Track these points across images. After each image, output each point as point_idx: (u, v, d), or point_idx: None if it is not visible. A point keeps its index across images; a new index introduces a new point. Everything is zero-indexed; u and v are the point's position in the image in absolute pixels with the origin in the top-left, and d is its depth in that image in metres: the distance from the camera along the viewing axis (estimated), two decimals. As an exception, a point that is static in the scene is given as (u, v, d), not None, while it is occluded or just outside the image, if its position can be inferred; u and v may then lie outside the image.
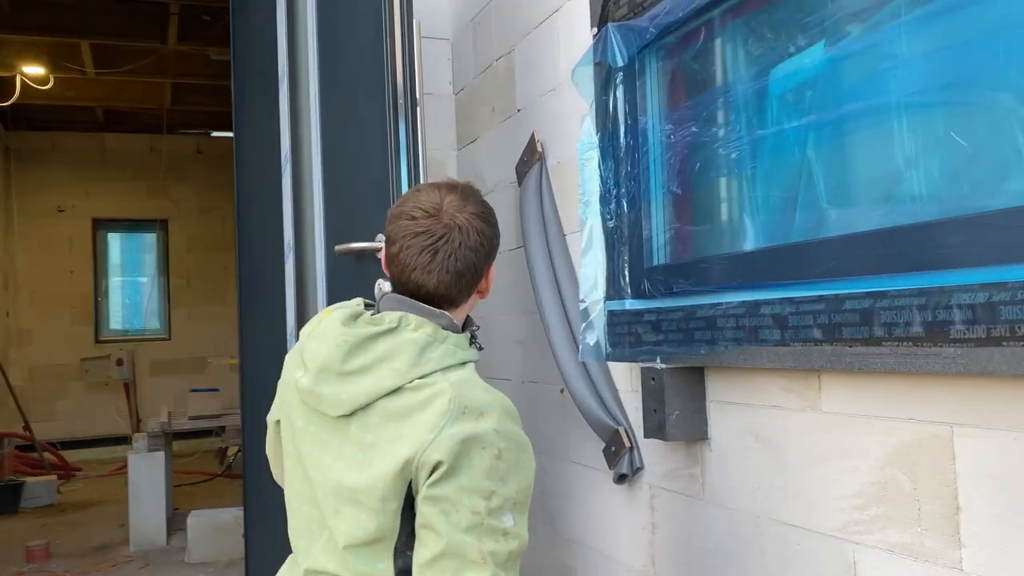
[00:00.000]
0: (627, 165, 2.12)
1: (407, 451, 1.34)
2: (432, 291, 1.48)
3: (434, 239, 1.46)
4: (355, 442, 1.40)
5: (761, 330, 1.67)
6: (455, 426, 1.34)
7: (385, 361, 1.40)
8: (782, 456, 1.82)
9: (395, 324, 1.43)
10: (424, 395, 1.38)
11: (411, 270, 1.47)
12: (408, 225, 1.48)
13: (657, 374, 2.02)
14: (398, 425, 1.37)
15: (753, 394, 1.89)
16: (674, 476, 2.19)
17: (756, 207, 1.78)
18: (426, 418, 1.36)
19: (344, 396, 1.40)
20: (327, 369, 1.41)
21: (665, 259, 2.05)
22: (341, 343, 1.41)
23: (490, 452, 1.35)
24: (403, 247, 1.47)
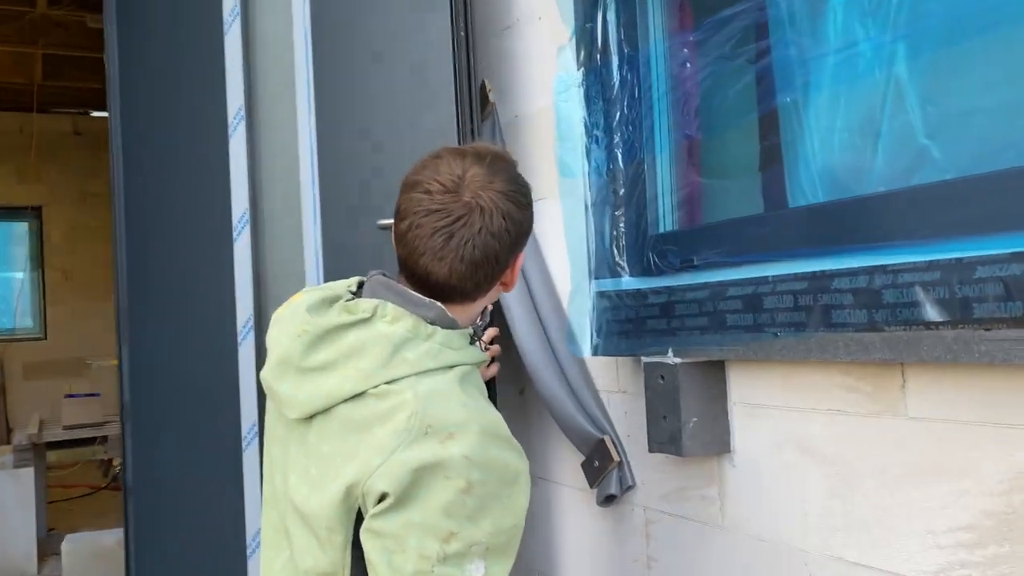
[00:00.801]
0: (622, 107, 1.67)
1: (352, 474, 1.15)
2: (443, 281, 1.24)
3: (450, 220, 1.22)
4: (312, 453, 1.22)
5: (836, 310, 1.25)
6: (410, 450, 1.12)
7: (351, 358, 1.19)
8: (844, 475, 1.40)
9: (368, 314, 1.22)
10: (386, 406, 1.16)
11: (420, 254, 1.23)
12: (421, 200, 1.24)
13: (668, 371, 1.58)
14: (357, 438, 1.17)
15: (798, 395, 1.47)
16: (679, 497, 1.75)
17: (813, 149, 1.35)
18: (380, 436, 1.15)
19: (301, 396, 1.22)
20: (285, 363, 1.24)
21: (676, 224, 1.61)
22: (301, 333, 1.22)
23: (454, 484, 1.12)
24: (413, 225, 1.23)
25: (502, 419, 1.23)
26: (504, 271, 1.30)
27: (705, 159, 1.58)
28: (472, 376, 1.27)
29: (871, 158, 1.26)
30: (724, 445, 1.61)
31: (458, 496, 1.11)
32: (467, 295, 1.27)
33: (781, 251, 1.36)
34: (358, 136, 2.26)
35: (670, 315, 1.56)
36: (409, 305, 1.24)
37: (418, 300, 1.25)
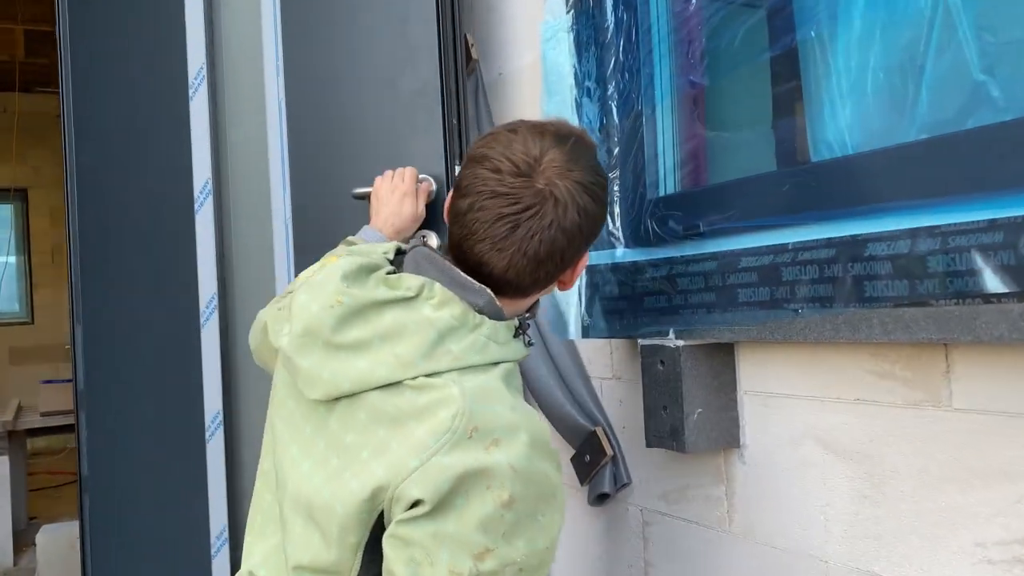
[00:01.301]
0: (617, 52, 1.45)
1: (381, 475, 1.02)
2: (498, 274, 1.10)
3: (518, 208, 1.07)
4: (331, 440, 1.09)
5: (869, 282, 1.04)
6: (452, 454, 1.00)
7: (388, 341, 1.06)
8: (874, 475, 1.20)
9: (413, 293, 1.08)
10: (425, 401, 1.04)
11: (478, 239, 1.09)
12: (489, 179, 1.09)
13: (669, 355, 1.38)
14: (388, 432, 1.04)
15: (820, 382, 1.27)
16: (681, 497, 1.56)
17: (840, 92, 1.14)
18: (418, 435, 1.02)
19: (326, 375, 1.07)
20: (312, 334, 1.08)
21: (679, 185, 1.40)
22: (334, 303, 1.07)
23: (496, 496, 1.00)
24: (475, 206, 1.09)
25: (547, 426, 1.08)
26: (566, 270, 1.15)
27: (712, 109, 1.37)
28: (514, 375, 1.14)
29: (913, 100, 1.05)
30: (733, 439, 1.41)
31: (497, 510, 1.00)
32: (521, 291, 1.13)
33: (803, 213, 1.15)
34: (332, 97, 2.04)
35: (671, 291, 1.35)
36: (457, 288, 1.09)
37: (468, 284, 1.10)
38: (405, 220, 1.63)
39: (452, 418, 1.01)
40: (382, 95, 1.97)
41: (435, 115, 1.84)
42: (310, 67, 2.09)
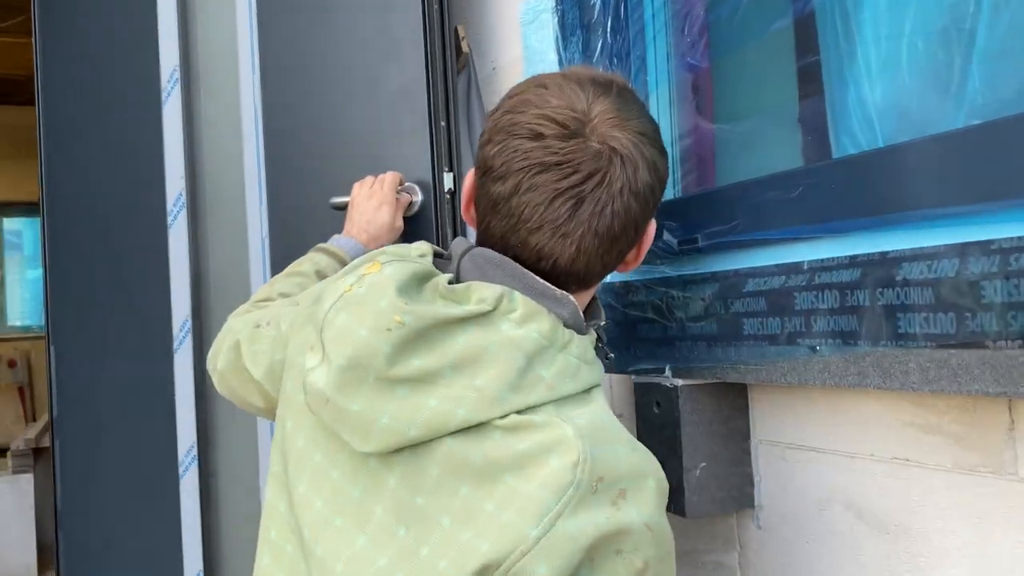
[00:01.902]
0: (605, 33, 1.22)
1: (486, 550, 0.75)
2: (564, 267, 0.87)
3: (579, 178, 0.85)
4: (394, 504, 0.81)
5: (905, 314, 0.79)
6: (579, 515, 0.75)
7: (463, 370, 0.80)
8: (918, 553, 0.95)
9: (489, 306, 0.83)
10: (527, 446, 0.78)
11: (533, 228, 0.86)
12: (532, 150, 0.86)
13: (666, 396, 1.13)
14: (474, 491, 0.78)
15: (850, 434, 1.02)
16: (688, 563, 1.31)
17: (869, 70, 0.89)
18: (528, 492, 0.76)
19: (385, 420, 0.80)
20: (362, 367, 0.80)
21: (677, 189, 1.16)
22: (393, 325, 0.80)
23: (628, 563, 0.77)
24: (521, 187, 0.86)
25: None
26: (634, 245, 0.93)
27: (717, 97, 1.13)
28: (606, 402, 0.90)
29: (961, 76, 0.80)
30: (745, 499, 1.16)
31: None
32: (587, 282, 0.91)
33: (820, 224, 0.90)
34: (310, 98, 1.85)
35: (666, 318, 1.11)
36: (538, 297, 0.86)
37: (548, 291, 0.87)
38: (380, 229, 1.48)
39: (573, 467, 0.76)
40: (363, 95, 1.78)
41: (421, 116, 1.64)
42: (287, 65, 1.90)
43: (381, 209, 1.48)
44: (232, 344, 1.12)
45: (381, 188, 1.52)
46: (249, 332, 1.10)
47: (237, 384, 1.12)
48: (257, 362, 1.06)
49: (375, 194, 1.51)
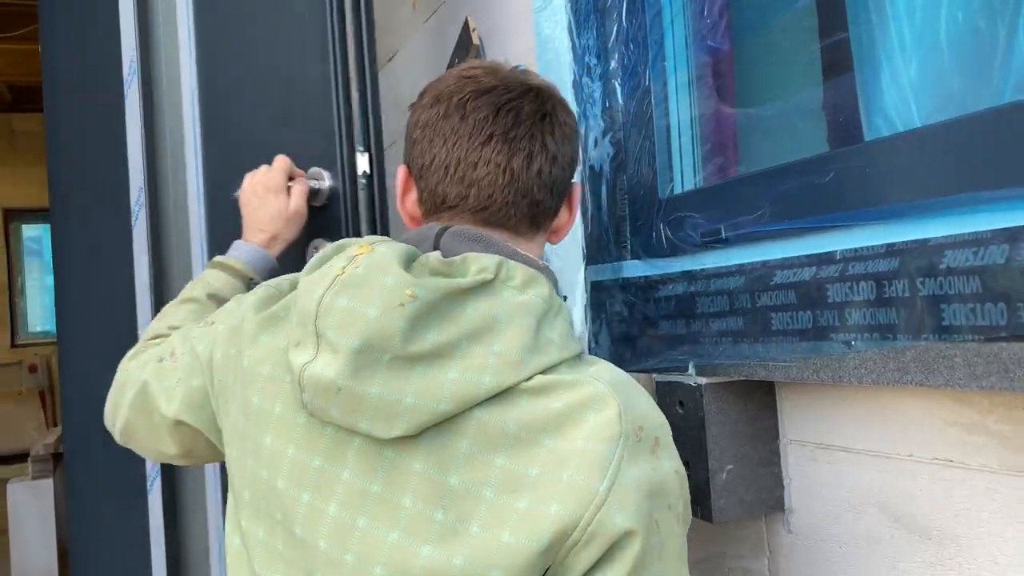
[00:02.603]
0: (620, 17, 1.17)
1: (558, 511, 0.72)
2: (534, 188, 0.89)
3: (516, 93, 0.89)
4: (424, 489, 0.77)
5: (949, 305, 0.74)
6: (633, 465, 0.75)
7: (479, 339, 0.78)
8: (964, 562, 0.89)
9: (491, 275, 0.81)
10: (561, 404, 0.77)
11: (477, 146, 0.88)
12: (463, 84, 0.91)
13: (690, 395, 1.08)
14: (512, 459, 0.75)
15: (888, 434, 0.96)
16: (713, 568, 1.25)
17: (903, 43, 0.84)
18: (582, 449, 0.74)
19: (410, 399, 0.76)
20: (375, 348, 0.76)
21: (699, 179, 1.11)
22: (406, 300, 0.77)
23: (675, 515, 0.80)
24: (463, 120, 0.88)
25: None
26: (563, 199, 0.95)
27: (739, 80, 1.07)
28: None
29: (1006, 47, 0.74)
30: (775, 502, 1.10)
31: (682, 531, 0.81)
32: (541, 223, 0.92)
33: (854, 210, 0.85)
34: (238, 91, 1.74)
35: (689, 314, 1.06)
36: (531, 264, 0.87)
37: (530, 260, 0.87)
38: (273, 220, 1.34)
39: (618, 419, 0.76)
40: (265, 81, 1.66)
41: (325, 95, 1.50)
42: (219, 58, 1.78)
43: (268, 198, 1.35)
44: (138, 390, 1.05)
45: (267, 176, 1.38)
46: (154, 369, 1.04)
47: (145, 433, 1.05)
48: (172, 397, 1.00)
49: (259, 183, 1.37)
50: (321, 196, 1.43)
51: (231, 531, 0.91)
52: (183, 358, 1.00)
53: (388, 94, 2.51)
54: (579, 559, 0.73)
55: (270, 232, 1.34)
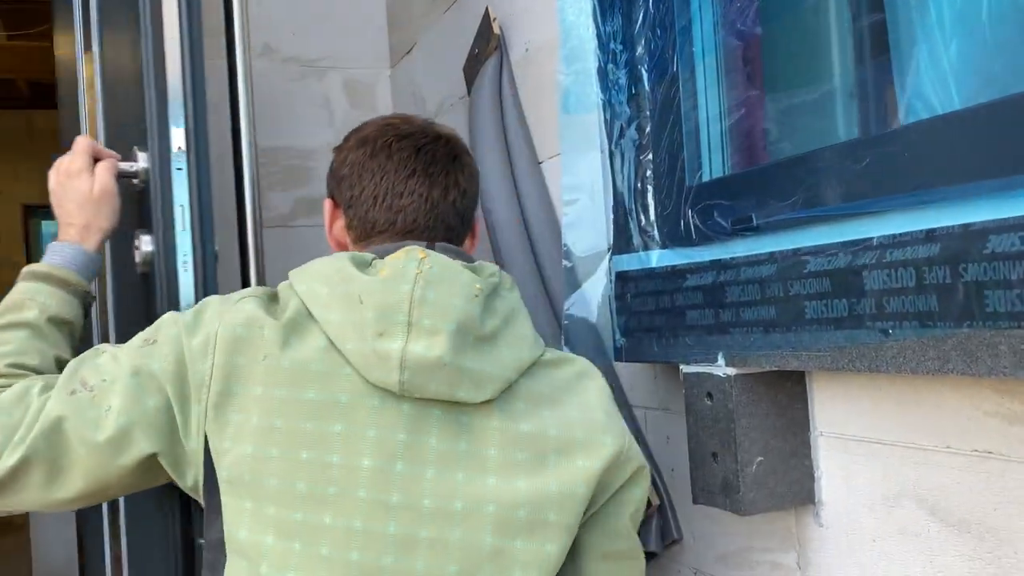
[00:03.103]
0: (646, 4, 1.15)
1: (611, 442, 1.00)
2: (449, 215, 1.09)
3: (429, 139, 1.10)
4: (505, 439, 0.98)
5: (993, 291, 0.72)
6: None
7: (511, 325, 1.02)
8: (1002, 556, 0.87)
9: (498, 278, 1.05)
10: (568, 373, 1.05)
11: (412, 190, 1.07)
12: (386, 130, 1.11)
13: (719, 387, 1.06)
14: (554, 412, 1.00)
15: (924, 426, 0.94)
16: (742, 563, 1.24)
17: (942, 22, 0.82)
18: (597, 402, 1.03)
19: (489, 368, 0.97)
20: (466, 331, 0.96)
21: (727, 166, 1.09)
22: (476, 292, 0.99)
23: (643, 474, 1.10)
24: (389, 159, 1.08)
25: None
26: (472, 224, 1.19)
27: (769, 65, 1.05)
28: None
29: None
30: (805, 494, 1.09)
31: None
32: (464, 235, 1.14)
33: (891, 196, 0.83)
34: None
35: (719, 304, 1.04)
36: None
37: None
38: (83, 207, 1.19)
39: (606, 383, 1.06)
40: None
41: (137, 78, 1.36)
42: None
43: (69, 184, 1.21)
44: (43, 429, 0.96)
45: (68, 162, 1.23)
46: (66, 402, 0.97)
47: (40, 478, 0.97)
48: (102, 426, 0.95)
49: (61, 172, 1.22)
50: (140, 177, 1.28)
51: (252, 529, 0.92)
52: (112, 384, 0.97)
53: (406, 87, 2.50)
54: (616, 478, 1.01)
55: (80, 222, 1.19)
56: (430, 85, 2.31)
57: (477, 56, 1.87)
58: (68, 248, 1.17)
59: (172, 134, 1.24)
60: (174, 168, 1.23)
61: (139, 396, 0.97)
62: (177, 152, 1.24)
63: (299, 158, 2.49)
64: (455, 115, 2.13)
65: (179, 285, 1.21)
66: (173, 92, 1.25)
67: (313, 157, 2.51)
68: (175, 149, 1.24)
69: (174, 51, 1.26)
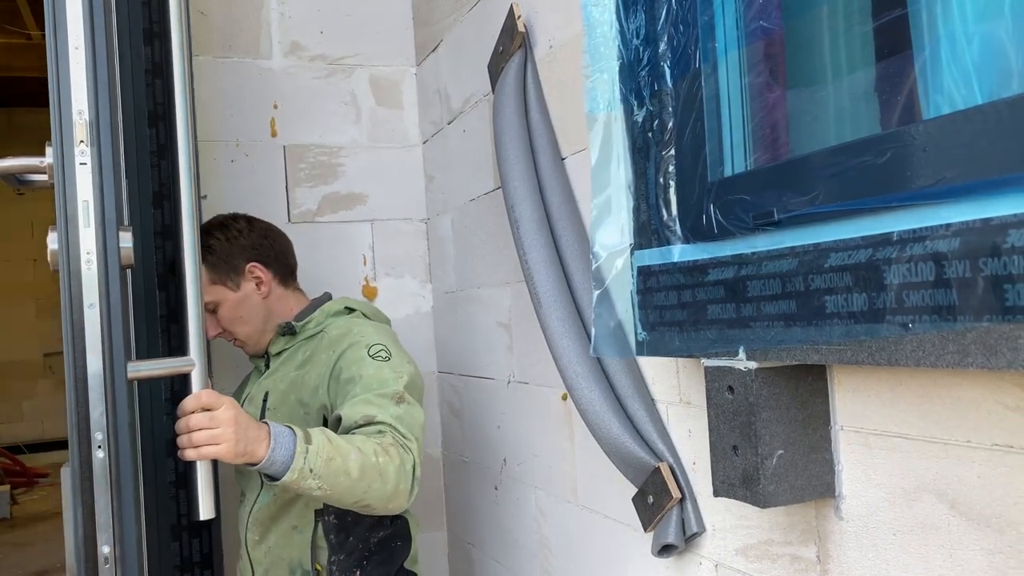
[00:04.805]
0: (669, 1, 1.16)
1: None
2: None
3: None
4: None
5: (1014, 286, 0.72)
6: None
7: None
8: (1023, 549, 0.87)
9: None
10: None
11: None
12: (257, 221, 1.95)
13: (740, 380, 1.07)
14: None
15: (945, 419, 0.94)
16: (763, 555, 1.24)
17: (964, 16, 0.82)
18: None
19: None
20: None
21: (749, 161, 1.10)
22: None
23: None
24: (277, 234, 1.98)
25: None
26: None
27: (792, 61, 1.06)
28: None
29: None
30: (826, 488, 1.09)
31: None
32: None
33: (912, 191, 0.83)
34: None
35: (740, 298, 1.05)
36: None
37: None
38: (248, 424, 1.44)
39: None
40: None
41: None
42: None
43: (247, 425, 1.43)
44: (419, 434, 1.62)
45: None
46: (411, 412, 1.63)
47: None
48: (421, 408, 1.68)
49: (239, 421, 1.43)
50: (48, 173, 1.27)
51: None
52: (409, 396, 1.66)
53: (431, 84, 2.52)
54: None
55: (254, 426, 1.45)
56: (455, 82, 2.33)
57: (502, 53, 1.89)
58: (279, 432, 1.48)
59: (75, 127, 1.19)
60: (77, 163, 1.19)
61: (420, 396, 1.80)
62: (79, 146, 1.19)
63: (326, 155, 2.52)
64: (480, 111, 2.15)
65: (82, 284, 1.20)
66: (76, 85, 1.21)
67: (340, 154, 2.53)
68: (77, 142, 1.19)
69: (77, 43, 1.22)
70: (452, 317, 2.46)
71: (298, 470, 1.39)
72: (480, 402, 2.29)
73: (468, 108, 2.24)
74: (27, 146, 4.26)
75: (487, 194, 2.14)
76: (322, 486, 1.42)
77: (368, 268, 2.56)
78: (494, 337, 2.16)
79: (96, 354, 1.19)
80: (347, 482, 1.44)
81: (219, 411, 1.34)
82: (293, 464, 1.39)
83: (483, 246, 2.19)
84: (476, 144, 2.19)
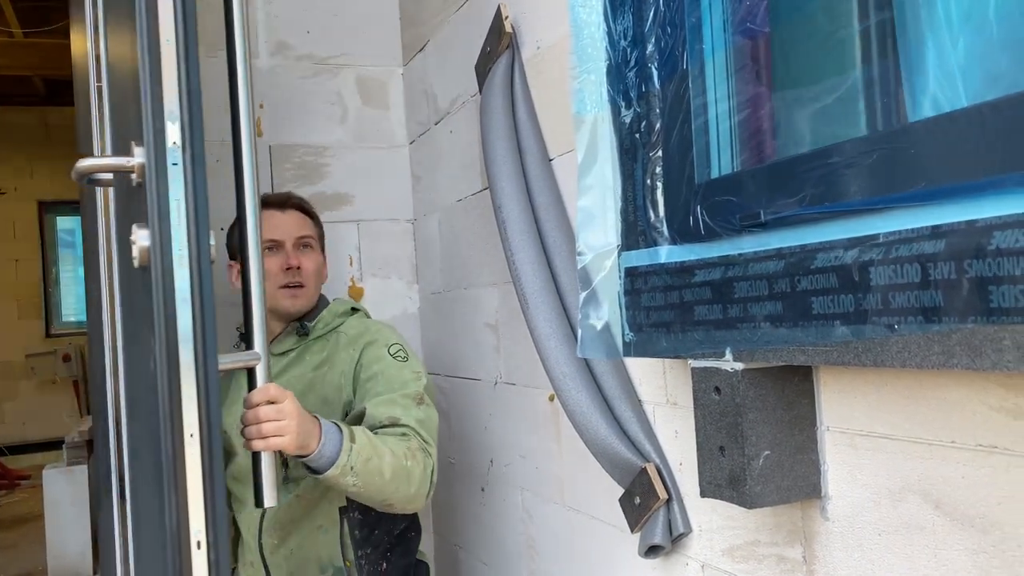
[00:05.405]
0: (656, 2, 1.16)
1: None
2: None
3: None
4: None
5: (999, 287, 0.72)
6: None
7: None
8: (1006, 550, 0.88)
9: None
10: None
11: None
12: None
13: (726, 381, 1.07)
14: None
15: (930, 420, 0.95)
16: (749, 556, 1.25)
17: (949, 18, 0.83)
18: None
19: None
20: None
21: (736, 163, 1.10)
22: None
23: None
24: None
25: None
26: None
27: (778, 63, 1.06)
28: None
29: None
30: (812, 488, 1.10)
31: None
32: None
33: (898, 193, 0.84)
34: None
35: (727, 299, 1.05)
36: None
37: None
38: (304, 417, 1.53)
39: None
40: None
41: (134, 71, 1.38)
42: None
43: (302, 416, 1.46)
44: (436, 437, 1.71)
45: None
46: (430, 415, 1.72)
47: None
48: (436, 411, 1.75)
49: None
50: (137, 173, 1.29)
51: None
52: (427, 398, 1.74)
53: (418, 84, 2.51)
54: None
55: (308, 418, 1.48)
56: (442, 82, 2.33)
57: (489, 54, 1.89)
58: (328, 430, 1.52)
59: (168, 129, 1.22)
60: (169, 163, 1.22)
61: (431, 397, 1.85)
62: (172, 147, 1.22)
63: (312, 155, 2.51)
64: (467, 112, 2.15)
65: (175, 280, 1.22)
66: (168, 87, 1.25)
67: (326, 154, 2.53)
68: (170, 144, 1.22)
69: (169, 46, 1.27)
70: (439, 318, 2.46)
71: (341, 466, 1.45)
72: (467, 403, 2.28)
73: (455, 108, 2.23)
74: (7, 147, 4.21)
75: (474, 195, 2.14)
76: (357, 483, 1.48)
77: (354, 269, 2.55)
78: (481, 338, 2.16)
79: (188, 347, 1.21)
80: (380, 482, 1.50)
81: (284, 404, 1.37)
82: (338, 460, 1.45)
83: (470, 247, 2.19)
84: (463, 145, 2.19)
